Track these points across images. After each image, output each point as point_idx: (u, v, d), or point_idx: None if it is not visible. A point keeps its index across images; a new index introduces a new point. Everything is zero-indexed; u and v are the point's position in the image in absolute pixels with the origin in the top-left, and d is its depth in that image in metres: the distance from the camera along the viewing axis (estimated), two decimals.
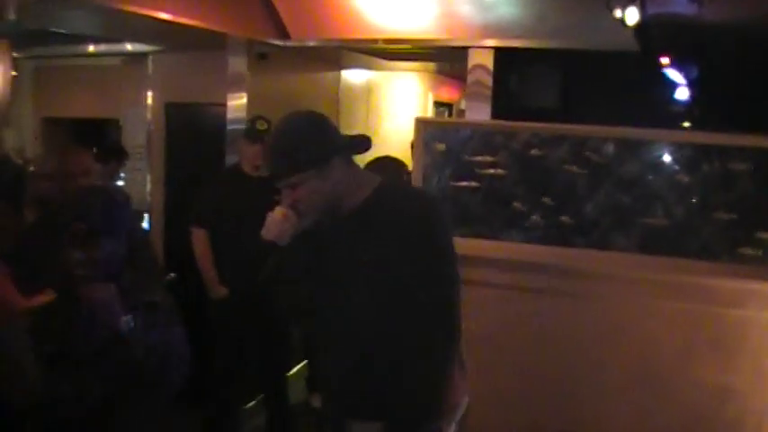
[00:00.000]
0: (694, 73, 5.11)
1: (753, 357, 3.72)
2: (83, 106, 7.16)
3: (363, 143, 2.67)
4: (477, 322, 4.03)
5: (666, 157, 4.12)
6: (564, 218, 4.25)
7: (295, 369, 6.14)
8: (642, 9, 4.10)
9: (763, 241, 3.89)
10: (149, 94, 6.19)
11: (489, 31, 5.25)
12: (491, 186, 4.37)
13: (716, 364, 3.75)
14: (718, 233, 3.97)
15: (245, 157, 5.09)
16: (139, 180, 6.35)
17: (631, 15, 4.14)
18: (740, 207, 3.95)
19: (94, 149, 5.48)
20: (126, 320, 2.96)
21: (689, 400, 3.78)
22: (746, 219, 3.93)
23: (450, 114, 9.65)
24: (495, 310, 4.04)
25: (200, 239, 5.01)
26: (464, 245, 4.07)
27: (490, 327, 4.03)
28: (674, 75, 5.16)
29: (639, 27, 4.23)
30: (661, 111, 5.51)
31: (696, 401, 3.76)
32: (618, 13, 4.18)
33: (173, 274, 5.33)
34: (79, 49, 6.43)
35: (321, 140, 2.50)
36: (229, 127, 5.73)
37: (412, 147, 4.71)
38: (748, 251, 3.92)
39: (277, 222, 2.60)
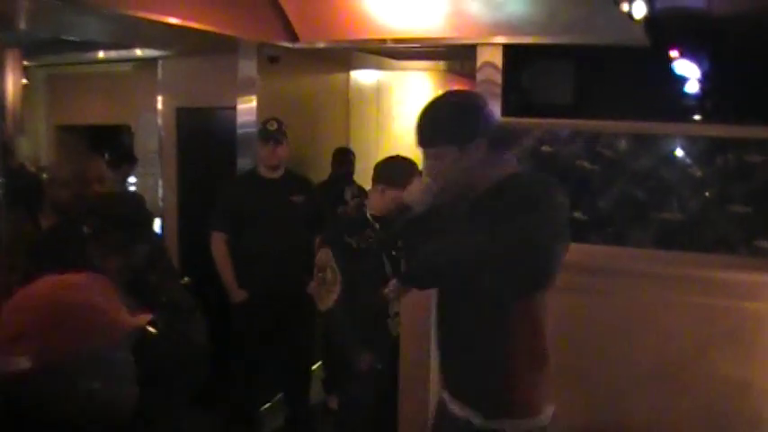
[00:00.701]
0: (705, 65, 5.10)
1: None
2: (95, 113, 7.21)
3: (510, 136, 2.83)
4: None
5: (680, 151, 4.12)
6: (578, 214, 4.25)
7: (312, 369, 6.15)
8: (651, 2, 4.09)
9: None
10: (160, 99, 6.21)
11: (498, 28, 5.25)
12: None
13: (734, 358, 3.73)
14: (734, 226, 3.97)
15: (260, 158, 5.13)
16: (152, 185, 6.38)
17: (638, 9, 4.14)
18: (755, 199, 3.94)
19: (106, 155, 5.52)
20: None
21: (707, 394, 3.76)
22: (762, 211, 3.92)
23: None
24: None
25: (219, 244, 5.05)
26: None
27: None
28: (684, 68, 5.15)
29: (649, 21, 4.22)
30: (673, 104, 5.50)
31: (715, 395, 3.75)
32: (625, 6, 4.18)
33: (187, 279, 5.35)
34: (90, 55, 6.47)
35: (468, 121, 2.56)
36: (240, 130, 5.75)
37: None
38: (764, 244, 3.91)
39: (419, 189, 2.73)
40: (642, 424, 3.78)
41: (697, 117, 5.47)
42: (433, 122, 2.59)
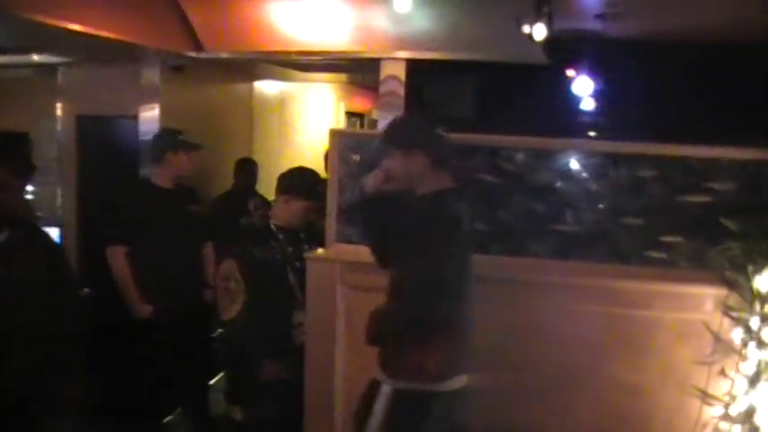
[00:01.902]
0: (599, 85, 5.30)
1: (662, 356, 3.88)
2: None
3: (445, 155, 3.34)
4: None
5: (576, 166, 4.26)
6: (479, 226, 4.35)
7: (212, 381, 6.10)
8: (550, 24, 4.24)
9: (669, 244, 4.07)
10: (60, 105, 6.08)
11: (402, 43, 5.35)
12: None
13: (628, 364, 3.89)
14: (627, 237, 4.14)
15: (181, 169, 5.03)
16: (50, 194, 6.22)
17: (539, 31, 4.28)
18: (647, 212, 4.12)
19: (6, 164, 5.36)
20: None
21: (604, 398, 3.91)
22: (653, 223, 4.10)
23: (362, 124, 9.73)
24: None
25: (119, 258, 4.89)
26: None
27: None
28: (580, 86, 5.35)
29: (548, 41, 4.37)
30: (569, 121, 5.70)
31: (610, 400, 3.90)
32: (526, 28, 4.32)
33: (87, 290, 5.25)
34: None
35: (406, 135, 3.29)
36: (142, 139, 5.68)
37: (326, 158, 4.77)
38: (655, 254, 4.09)
39: (372, 177, 3.34)
40: (542, 429, 3.90)
41: (592, 133, 5.67)
42: (391, 129, 3.34)
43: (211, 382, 6.01)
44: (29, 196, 6.24)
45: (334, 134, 4.57)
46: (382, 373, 3.25)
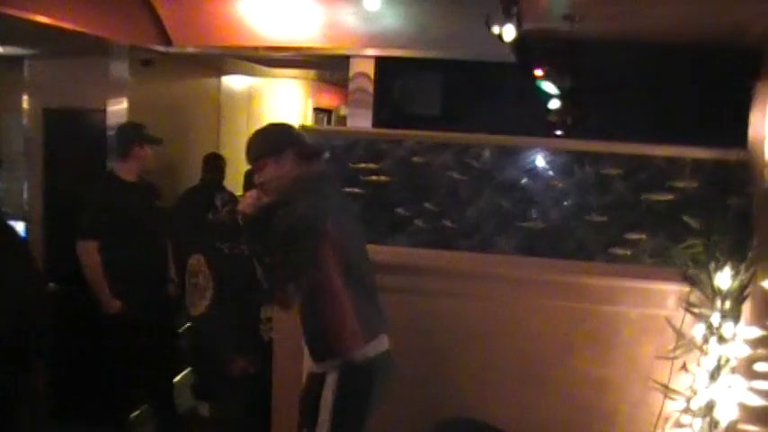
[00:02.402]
0: (567, 85, 5.36)
1: (626, 351, 3.96)
2: None
3: (313, 148, 3.56)
4: None
5: (543, 164, 4.32)
6: (446, 222, 4.40)
7: (179, 376, 6.10)
8: (518, 24, 4.28)
9: (633, 241, 4.16)
10: (26, 98, 6.03)
11: (371, 40, 5.38)
12: (375, 193, 4.48)
13: (593, 358, 3.97)
14: (592, 234, 4.21)
15: (142, 162, 5.02)
16: (16, 188, 6.16)
17: (508, 32, 4.31)
18: (611, 210, 4.20)
19: None
20: None
21: (569, 392, 3.98)
22: (617, 220, 4.18)
23: (329, 121, 9.75)
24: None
25: (89, 252, 4.83)
26: None
27: None
28: (548, 86, 5.41)
29: (517, 41, 4.42)
30: (536, 119, 5.76)
31: (576, 393, 3.98)
32: (496, 29, 4.36)
33: (53, 285, 5.23)
34: None
35: (278, 137, 3.45)
36: (110, 133, 5.65)
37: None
38: (619, 251, 4.17)
39: (248, 198, 3.38)
40: (510, 421, 3.95)
41: (558, 132, 5.74)
42: (255, 143, 3.45)
43: (177, 377, 6.01)
44: None
45: (304, 131, 4.59)
46: (317, 364, 3.42)
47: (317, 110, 9.30)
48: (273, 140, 3.43)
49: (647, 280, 3.97)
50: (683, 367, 3.85)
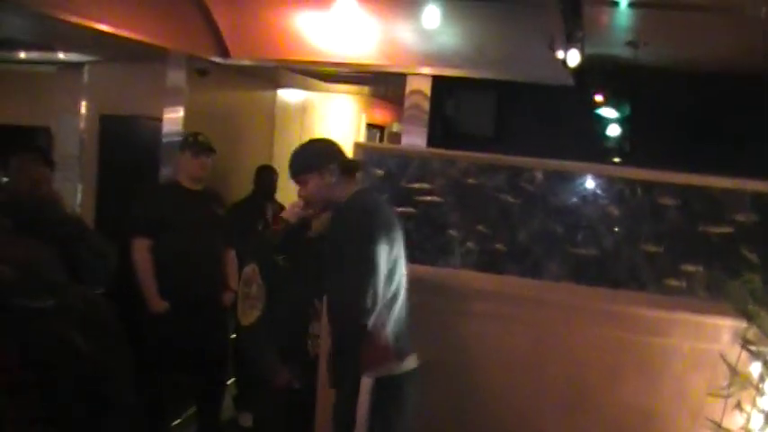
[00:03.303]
0: (626, 111, 5.30)
1: (675, 383, 3.87)
2: (12, 112, 7.03)
3: (354, 164, 3.64)
4: None
5: (598, 190, 4.27)
6: (498, 245, 4.36)
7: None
8: (582, 49, 4.24)
9: (687, 273, 4.07)
10: (84, 103, 6.11)
11: (428, 58, 5.37)
12: (427, 213, 4.45)
13: (641, 389, 3.88)
14: (646, 264, 4.14)
15: (187, 171, 5.05)
16: (70, 190, 6.25)
17: (573, 57, 4.27)
18: (666, 240, 4.12)
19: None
20: None
21: (616, 422, 3.90)
22: (672, 251, 4.10)
23: (381, 137, 9.75)
24: (427, 334, 4.11)
25: (142, 250, 4.88)
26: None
27: (421, 350, 4.10)
28: (606, 111, 5.35)
29: (579, 65, 4.38)
30: (593, 145, 5.70)
31: (622, 424, 3.89)
32: (560, 54, 4.31)
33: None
34: (12, 54, 6.33)
35: (321, 152, 3.52)
36: (165, 141, 5.70)
37: None
38: (673, 282, 4.09)
39: (294, 207, 3.70)
40: None
41: (616, 159, 5.68)
42: (297, 158, 3.53)
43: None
44: None
45: (358, 147, 4.59)
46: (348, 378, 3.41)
47: (370, 126, 9.29)
48: (316, 156, 3.50)
49: (700, 313, 3.89)
50: (738, 406, 3.74)
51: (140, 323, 4.91)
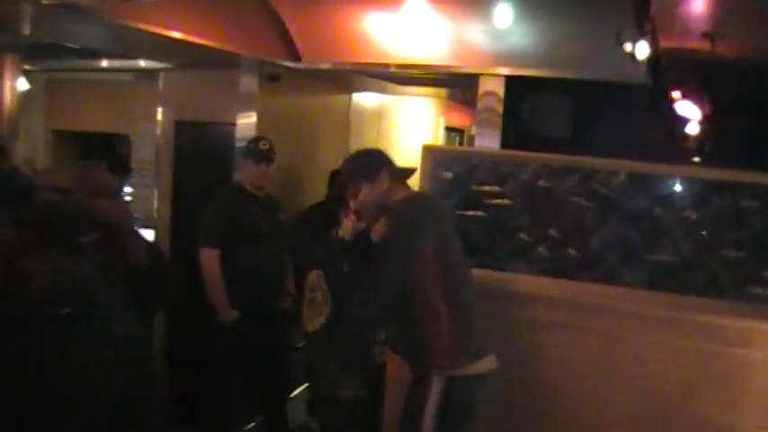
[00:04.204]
0: (706, 108, 5.07)
1: (758, 397, 3.67)
2: (93, 120, 7.18)
3: (405, 170, 3.67)
4: None
5: (676, 192, 4.09)
6: (570, 251, 4.22)
7: (296, 392, 6.10)
8: (654, 43, 4.07)
9: None
10: (160, 110, 6.19)
11: (501, 59, 5.25)
12: (497, 217, 4.34)
13: (721, 403, 3.71)
14: (727, 271, 3.94)
15: (248, 178, 5.05)
16: (147, 196, 6.33)
17: (641, 50, 4.11)
18: (749, 244, 3.92)
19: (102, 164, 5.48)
20: None
21: None
22: (755, 256, 3.89)
23: (461, 140, 9.63)
24: (497, 341, 4.01)
25: (211, 260, 4.88)
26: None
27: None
28: (685, 109, 5.13)
29: (651, 61, 4.20)
30: (671, 144, 5.49)
31: None
32: (628, 47, 4.16)
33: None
34: (91, 63, 6.45)
35: (372, 162, 3.53)
36: (238, 146, 5.72)
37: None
38: (756, 290, 3.88)
39: (348, 224, 3.62)
40: None
41: (696, 159, 5.45)
42: (347, 168, 3.60)
43: (295, 393, 6.01)
44: (127, 198, 6.41)
45: (427, 150, 4.52)
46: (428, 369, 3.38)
47: (449, 129, 9.19)
48: (365, 165, 3.54)
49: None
50: None
51: (211, 332, 4.94)
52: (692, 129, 5.32)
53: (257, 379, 5.09)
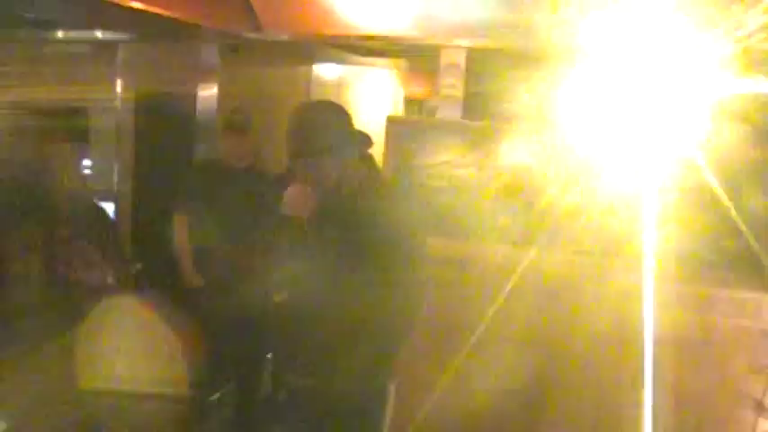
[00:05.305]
0: None
1: (715, 362, 3.78)
2: (50, 93, 7.06)
3: (368, 141, 3.11)
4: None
5: None
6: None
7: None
8: None
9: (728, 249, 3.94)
10: (119, 82, 6.13)
11: (463, 30, 5.26)
12: (462, 186, 4.38)
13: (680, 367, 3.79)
14: None
15: (224, 148, 5.03)
16: (107, 169, 6.28)
17: None
18: None
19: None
20: None
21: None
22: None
23: (420, 111, 9.65)
24: (468, 308, 4.07)
25: (181, 227, 4.98)
26: (435, 245, 4.11)
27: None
28: None
29: None
30: None
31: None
32: None
33: (139, 265, 5.30)
34: (48, 35, 6.35)
35: (342, 129, 2.91)
36: (199, 117, 5.70)
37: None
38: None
39: (298, 199, 2.94)
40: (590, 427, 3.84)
41: None
42: (308, 136, 2.84)
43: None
44: (86, 171, 6.35)
45: (391, 122, 4.53)
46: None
47: (408, 100, 9.20)
48: (338, 133, 2.91)
49: (740, 289, 3.77)
50: None
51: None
52: None
53: (224, 347, 5.10)
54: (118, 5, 4.47)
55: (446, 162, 4.39)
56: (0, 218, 4.56)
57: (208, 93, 5.72)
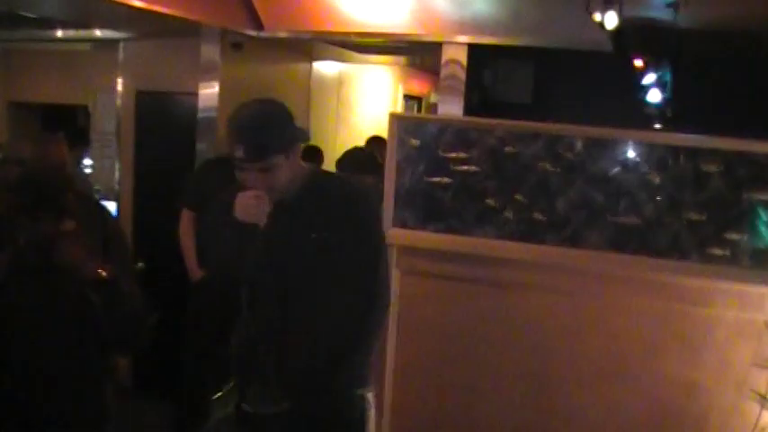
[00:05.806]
0: (667, 76, 5.15)
1: (718, 354, 3.78)
2: (51, 91, 7.07)
3: (307, 134, 3.01)
4: (449, 316, 4.10)
5: (638, 157, 4.15)
6: (536, 214, 4.27)
7: None
8: (620, 11, 4.12)
9: (732, 241, 3.93)
10: (120, 81, 6.14)
11: (463, 26, 5.28)
12: (464, 182, 4.38)
13: (683, 360, 3.80)
14: (688, 232, 4.02)
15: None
16: (108, 167, 6.29)
17: (610, 19, 4.16)
18: (709, 207, 3.99)
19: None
20: None
21: (657, 394, 3.83)
22: (716, 219, 3.97)
23: (419, 108, 9.65)
24: (467, 305, 4.08)
25: (187, 221, 5.04)
26: (437, 240, 4.12)
27: (461, 321, 4.08)
28: (647, 77, 5.21)
29: (617, 29, 4.26)
30: (634, 111, 5.57)
31: (664, 396, 3.82)
32: (598, 16, 4.20)
33: (141, 264, 5.29)
34: (49, 33, 6.36)
35: (289, 127, 2.76)
36: (201, 116, 5.71)
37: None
38: (717, 251, 3.96)
39: (253, 205, 2.76)
40: (594, 422, 3.84)
41: (657, 125, 5.54)
42: (259, 138, 2.66)
43: None
44: (87, 170, 6.35)
45: (393, 118, 4.52)
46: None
47: (408, 96, 9.20)
48: (287, 132, 2.76)
49: (744, 282, 3.78)
50: None
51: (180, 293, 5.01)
52: (654, 96, 5.40)
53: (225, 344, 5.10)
54: (119, 4, 4.48)
55: (449, 158, 4.38)
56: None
57: (209, 91, 5.72)
